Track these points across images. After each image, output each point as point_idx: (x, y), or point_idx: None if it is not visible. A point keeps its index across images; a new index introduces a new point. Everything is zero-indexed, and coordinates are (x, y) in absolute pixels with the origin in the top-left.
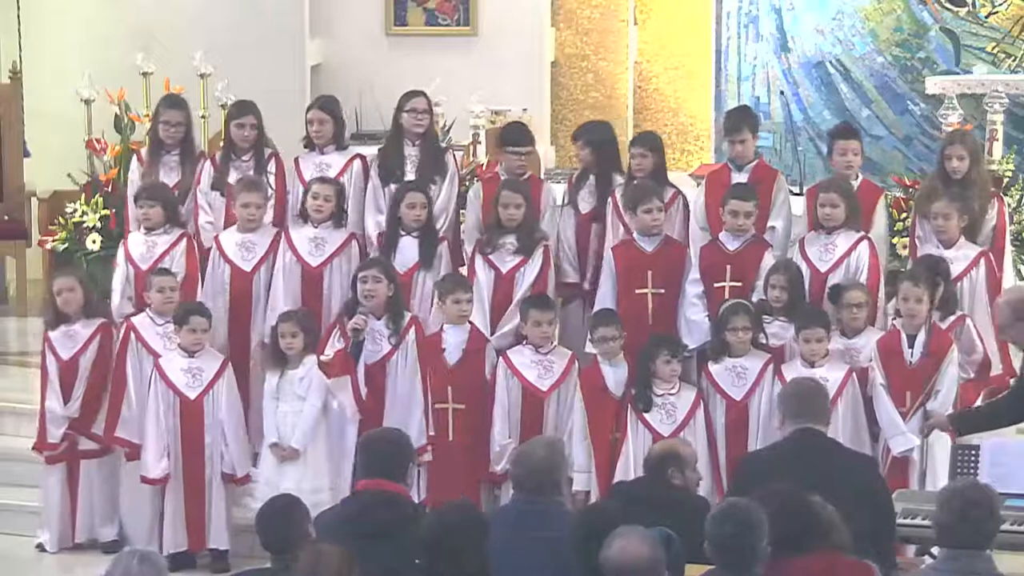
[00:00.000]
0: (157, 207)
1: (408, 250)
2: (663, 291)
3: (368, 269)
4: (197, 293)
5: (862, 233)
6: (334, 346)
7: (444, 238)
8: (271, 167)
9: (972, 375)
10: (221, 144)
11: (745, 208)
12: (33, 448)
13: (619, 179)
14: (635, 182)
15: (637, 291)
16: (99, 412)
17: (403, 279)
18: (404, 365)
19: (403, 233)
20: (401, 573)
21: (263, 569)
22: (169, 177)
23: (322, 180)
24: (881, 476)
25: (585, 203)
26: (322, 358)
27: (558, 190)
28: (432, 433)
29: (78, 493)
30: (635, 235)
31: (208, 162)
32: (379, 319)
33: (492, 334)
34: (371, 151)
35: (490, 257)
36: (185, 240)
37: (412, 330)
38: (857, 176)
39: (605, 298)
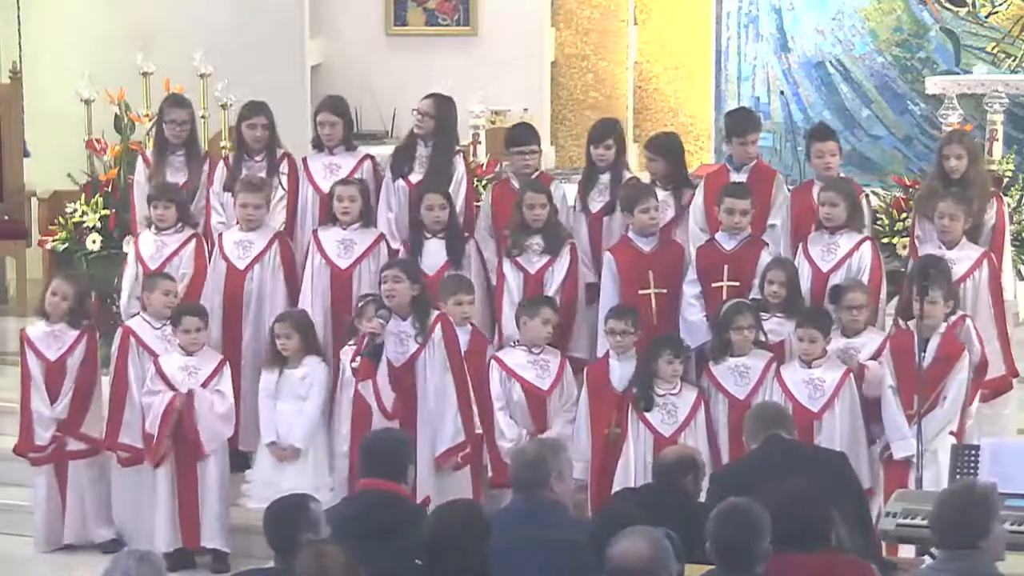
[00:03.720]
0: (172, 208)
1: (434, 252)
2: (665, 291)
3: (389, 269)
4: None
5: (865, 234)
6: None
7: (471, 236)
8: (283, 167)
9: (971, 375)
10: (223, 144)
11: (741, 206)
12: (14, 451)
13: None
14: (631, 182)
15: (640, 292)
16: (87, 413)
17: (432, 280)
18: (432, 363)
19: (427, 236)
20: (402, 573)
21: (264, 569)
22: (176, 177)
23: (345, 182)
24: (853, 469)
25: (595, 203)
26: (352, 365)
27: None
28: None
29: (67, 494)
30: (631, 235)
31: (221, 163)
32: (405, 319)
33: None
34: (378, 151)
35: (518, 259)
36: (195, 240)
37: (439, 327)
38: (839, 176)
39: (609, 300)
